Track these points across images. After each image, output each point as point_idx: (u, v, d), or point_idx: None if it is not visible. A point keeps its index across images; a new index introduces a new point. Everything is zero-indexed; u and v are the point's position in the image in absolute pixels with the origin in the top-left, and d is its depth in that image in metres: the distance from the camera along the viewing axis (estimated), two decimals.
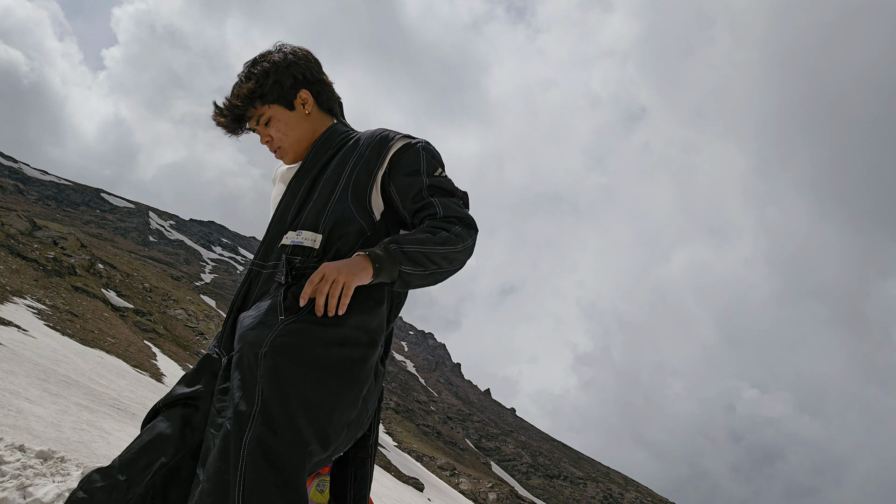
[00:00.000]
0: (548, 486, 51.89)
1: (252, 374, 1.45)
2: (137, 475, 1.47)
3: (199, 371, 1.65)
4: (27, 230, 23.88)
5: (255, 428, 1.39)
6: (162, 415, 1.59)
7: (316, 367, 1.47)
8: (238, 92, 1.74)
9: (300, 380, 1.45)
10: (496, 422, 70.22)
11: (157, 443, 1.51)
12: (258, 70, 1.75)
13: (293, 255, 1.63)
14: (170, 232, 76.17)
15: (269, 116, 1.76)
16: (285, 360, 1.45)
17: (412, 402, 51.76)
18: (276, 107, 1.76)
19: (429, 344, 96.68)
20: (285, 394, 1.43)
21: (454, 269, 1.64)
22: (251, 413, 1.41)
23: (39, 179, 70.11)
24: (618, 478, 70.20)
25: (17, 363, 9.04)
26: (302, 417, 1.42)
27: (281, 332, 1.49)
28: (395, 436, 38.17)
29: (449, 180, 1.73)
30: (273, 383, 1.43)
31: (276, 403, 1.41)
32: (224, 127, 1.78)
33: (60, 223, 44.98)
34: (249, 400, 1.42)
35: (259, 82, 1.74)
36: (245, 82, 1.75)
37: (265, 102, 1.75)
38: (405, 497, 19.01)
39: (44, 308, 16.79)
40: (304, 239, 1.63)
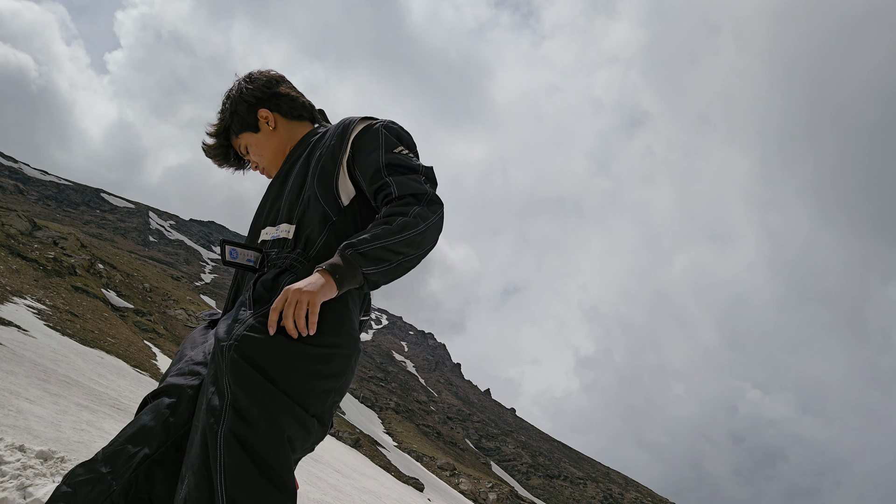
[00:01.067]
0: (548, 486, 51.87)
1: (220, 368, 1.48)
2: (120, 467, 1.49)
3: (189, 363, 1.68)
4: (27, 230, 23.88)
5: (228, 420, 1.41)
6: (148, 406, 1.61)
7: (281, 356, 1.47)
8: (208, 133, 1.93)
9: (266, 370, 1.45)
10: (496, 422, 70.20)
11: (141, 435, 1.53)
12: (221, 108, 1.92)
13: (270, 249, 1.69)
14: (170, 232, 76.16)
15: (244, 144, 1.91)
16: (249, 352, 1.47)
17: (412, 403, 51.75)
18: (244, 134, 1.90)
19: (429, 344, 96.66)
20: (252, 385, 1.43)
21: (423, 251, 1.60)
22: (223, 406, 1.43)
23: (39, 179, 70.10)
24: (618, 478, 70.18)
25: (17, 363, 9.03)
26: (274, 407, 1.43)
27: (247, 325, 1.51)
28: (395, 436, 38.16)
29: (408, 156, 1.71)
30: (237, 376, 1.45)
31: (243, 395, 1.43)
32: (215, 161, 1.97)
33: (60, 223, 44.98)
34: (221, 394, 1.45)
35: (221, 118, 1.92)
36: (212, 124, 1.94)
37: (235, 133, 1.91)
38: (405, 497, 19.01)
39: (44, 308, 16.79)
40: (281, 231, 1.69)
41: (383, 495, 15.42)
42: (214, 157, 1.95)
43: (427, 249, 1.62)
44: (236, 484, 1.36)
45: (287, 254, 1.65)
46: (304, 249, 1.65)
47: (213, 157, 1.95)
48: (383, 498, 14.90)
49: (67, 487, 1.46)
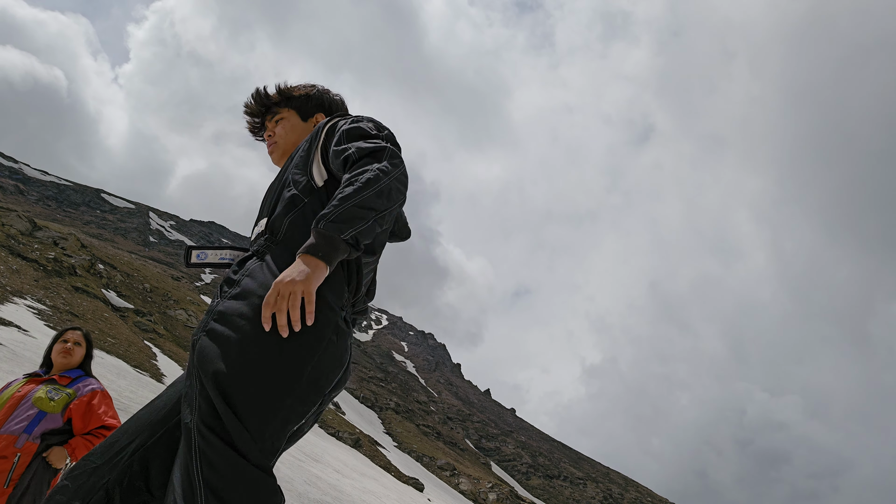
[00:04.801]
0: (548, 486, 51.86)
1: (192, 363, 1.52)
2: (113, 458, 1.55)
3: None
4: (27, 230, 23.89)
5: (199, 412, 1.44)
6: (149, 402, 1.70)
7: (242, 344, 1.46)
8: (269, 89, 2.00)
9: (226, 358, 1.45)
10: (496, 422, 70.19)
11: (135, 426, 1.60)
12: (296, 83, 2.04)
13: (253, 244, 1.75)
14: (170, 232, 76.17)
15: (283, 117, 2.00)
16: (210, 342, 1.49)
17: (412, 403, 51.75)
18: (292, 112, 2.00)
19: (429, 344, 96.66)
20: (212, 378, 1.44)
21: (396, 201, 1.60)
22: (194, 398, 1.46)
23: (40, 180, 70.12)
24: (618, 478, 70.16)
25: (17, 363, 9.05)
26: (238, 394, 1.42)
27: (214, 314, 1.54)
28: (396, 436, 38.16)
29: (368, 127, 1.74)
30: (202, 371, 1.47)
31: (210, 385, 1.44)
32: (250, 111, 2.03)
33: (61, 223, 44.99)
34: (191, 386, 1.49)
35: (293, 88, 2.02)
36: (280, 84, 2.02)
37: (287, 106, 2.00)
38: (405, 497, 19.00)
39: (44, 308, 16.80)
40: (260, 225, 1.76)
41: (383, 495, 15.42)
42: (258, 105, 2.01)
43: (398, 200, 1.61)
44: (211, 468, 1.39)
45: (260, 242, 1.70)
46: (271, 234, 1.69)
47: (257, 105, 2.01)
48: (383, 498, 14.90)
49: (65, 481, 1.54)
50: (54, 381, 3.12)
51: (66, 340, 3.28)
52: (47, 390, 3.04)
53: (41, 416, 2.95)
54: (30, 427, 2.91)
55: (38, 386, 3.08)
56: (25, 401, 2.98)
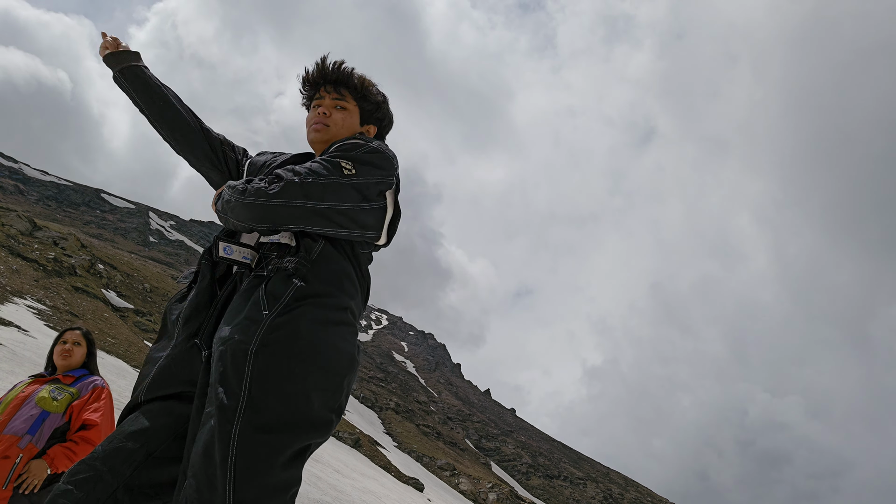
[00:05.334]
0: (548, 486, 51.86)
1: (238, 370, 1.48)
2: (120, 465, 1.51)
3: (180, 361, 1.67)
4: (27, 230, 23.88)
5: (243, 423, 1.42)
6: (144, 406, 1.63)
7: (302, 360, 1.51)
8: (357, 74, 1.89)
9: (288, 374, 1.49)
10: (496, 422, 70.19)
11: (141, 433, 1.56)
12: (373, 84, 1.93)
13: (269, 251, 1.69)
14: (170, 232, 76.17)
15: (346, 106, 1.88)
16: (273, 356, 1.49)
17: (412, 403, 51.75)
18: (357, 108, 1.90)
19: (429, 344, 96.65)
20: (272, 388, 1.47)
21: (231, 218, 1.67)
22: (237, 408, 1.44)
23: (39, 180, 70.12)
24: (618, 478, 70.16)
25: (17, 363, 9.05)
26: (290, 410, 1.47)
27: (268, 327, 1.52)
28: (396, 436, 38.16)
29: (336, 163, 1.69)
30: (261, 380, 1.46)
31: (263, 398, 1.45)
32: (312, 80, 1.90)
33: (60, 223, 44.99)
34: (233, 395, 1.45)
35: (374, 89, 1.92)
36: (364, 76, 1.91)
37: (356, 98, 1.89)
38: (405, 497, 19.00)
39: (44, 308, 16.79)
40: (282, 236, 1.70)
41: (383, 495, 15.42)
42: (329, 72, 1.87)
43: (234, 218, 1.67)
44: (247, 483, 1.39)
45: (290, 258, 1.65)
46: (306, 253, 1.66)
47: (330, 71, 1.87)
48: (383, 498, 14.89)
49: (68, 485, 1.48)
50: (58, 381, 3.11)
51: (65, 341, 3.26)
52: (50, 390, 3.03)
53: (44, 415, 2.93)
54: (33, 428, 2.89)
55: (42, 386, 3.07)
56: (29, 401, 2.97)
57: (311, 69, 1.89)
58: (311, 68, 1.89)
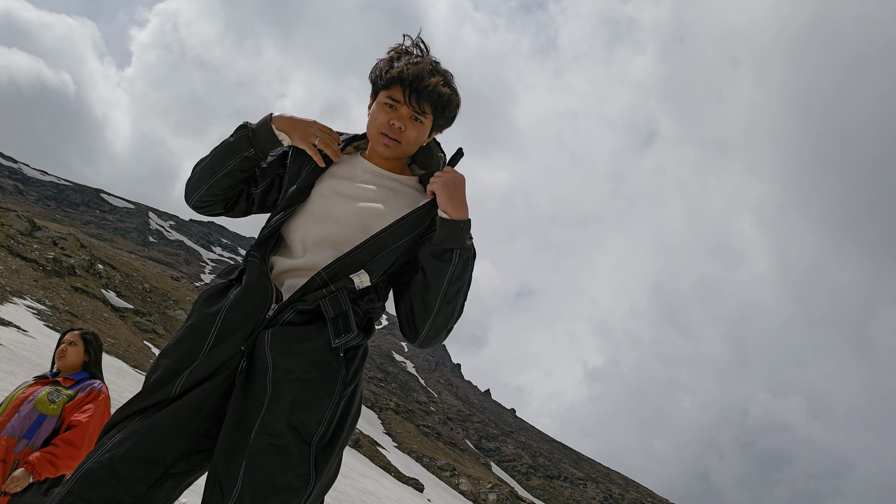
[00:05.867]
0: (548, 486, 51.86)
1: (318, 414, 1.51)
2: (135, 483, 1.41)
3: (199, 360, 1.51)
4: (27, 230, 23.86)
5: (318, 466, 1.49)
6: (160, 413, 1.47)
7: (354, 413, 1.65)
8: (446, 90, 1.66)
9: (351, 422, 1.65)
10: (496, 422, 70.19)
11: (158, 446, 1.44)
12: (458, 94, 1.72)
13: (357, 298, 1.59)
14: (169, 232, 76.15)
15: (423, 121, 1.66)
16: (347, 405, 1.61)
17: (412, 403, 51.73)
18: (432, 121, 1.68)
19: None
20: (343, 437, 1.59)
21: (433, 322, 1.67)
22: (310, 453, 1.49)
23: (39, 180, 70.10)
24: (618, 478, 70.16)
25: (16, 363, 9.03)
26: (339, 459, 1.60)
27: (344, 376, 1.57)
28: (395, 436, 38.14)
29: None
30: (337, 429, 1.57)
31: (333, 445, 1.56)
32: (393, 81, 1.64)
33: (60, 223, 44.96)
34: (307, 436, 1.49)
35: (456, 106, 1.72)
36: (452, 91, 1.69)
37: (437, 116, 1.68)
38: (405, 497, 18.99)
39: (44, 308, 16.78)
40: (362, 277, 1.58)
41: (383, 496, 15.40)
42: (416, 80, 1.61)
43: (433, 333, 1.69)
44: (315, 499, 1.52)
45: (366, 300, 1.63)
46: (366, 300, 1.61)
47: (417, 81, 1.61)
48: (383, 498, 14.88)
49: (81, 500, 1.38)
50: (58, 384, 3.07)
51: (62, 342, 3.22)
52: (48, 392, 2.99)
53: (41, 419, 2.89)
54: (29, 432, 2.86)
55: (42, 388, 3.02)
56: (28, 402, 2.93)
57: (405, 68, 1.62)
58: (408, 67, 1.62)
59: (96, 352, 3.28)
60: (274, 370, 1.47)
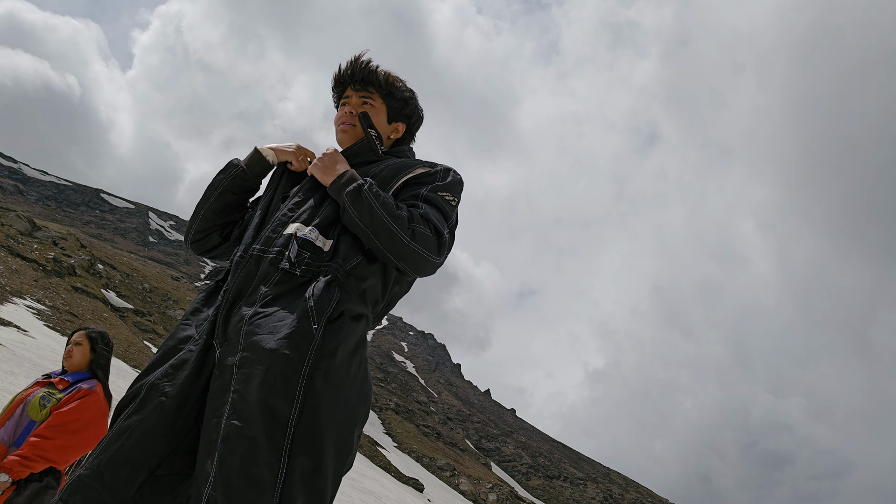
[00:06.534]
0: (548, 486, 51.86)
1: (289, 393, 1.36)
2: (122, 487, 1.41)
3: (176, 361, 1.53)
4: (27, 230, 23.85)
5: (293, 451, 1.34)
6: (141, 413, 1.46)
7: (353, 392, 1.47)
8: (383, 71, 1.85)
9: (342, 406, 1.43)
10: (496, 422, 70.18)
11: (144, 447, 1.43)
12: (400, 80, 1.89)
13: (303, 249, 1.57)
14: (169, 232, 76.15)
15: (373, 105, 1.86)
16: (326, 383, 1.41)
17: (412, 403, 51.73)
18: (384, 106, 1.87)
19: (429, 344, 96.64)
20: (325, 418, 1.39)
21: (387, 247, 1.57)
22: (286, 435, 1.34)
23: (39, 180, 70.10)
24: (618, 478, 70.15)
25: (16, 363, 9.03)
26: (338, 440, 1.41)
27: (320, 346, 1.42)
28: (395, 436, 38.14)
29: (449, 202, 1.72)
30: (314, 409, 1.38)
31: (315, 427, 1.38)
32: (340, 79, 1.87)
33: (60, 223, 44.97)
34: (283, 419, 1.35)
35: (400, 86, 1.88)
36: (390, 73, 1.87)
37: (385, 98, 1.86)
38: (405, 497, 18.99)
39: (44, 308, 16.78)
40: (316, 238, 1.59)
41: (383, 496, 15.41)
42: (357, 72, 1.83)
43: (391, 250, 1.58)
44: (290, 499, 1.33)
45: (326, 262, 1.57)
46: (343, 261, 1.58)
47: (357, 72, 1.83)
48: (383, 498, 14.88)
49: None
50: (52, 385, 2.99)
51: (69, 343, 3.17)
52: (41, 396, 2.92)
53: (31, 425, 2.81)
54: (19, 440, 2.79)
55: (39, 390, 2.95)
56: (23, 406, 2.87)
57: (340, 68, 1.86)
58: (341, 67, 1.86)
59: (102, 350, 3.20)
60: (243, 350, 1.42)
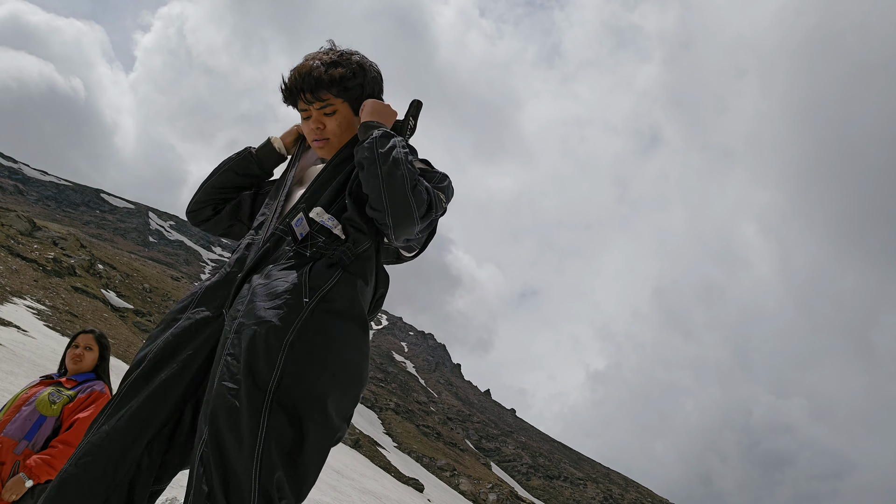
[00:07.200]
0: (548, 486, 51.85)
1: (270, 359, 1.41)
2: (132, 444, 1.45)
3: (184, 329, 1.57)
4: (27, 230, 23.85)
5: (272, 415, 1.37)
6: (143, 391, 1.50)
7: (332, 365, 1.48)
8: (326, 70, 1.69)
9: (317, 376, 1.44)
10: (496, 422, 70.18)
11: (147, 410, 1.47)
12: (349, 63, 1.72)
13: (318, 234, 1.62)
14: (169, 232, 76.15)
15: (336, 109, 1.73)
16: (307, 354, 1.44)
17: (412, 403, 51.74)
18: (346, 104, 1.75)
19: (429, 344, 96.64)
20: (300, 386, 1.42)
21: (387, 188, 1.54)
22: (265, 399, 1.38)
23: (39, 180, 70.09)
24: (618, 479, 70.15)
25: (16, 364, 9.03)
26: (319, 414, 1.43)
27: (307, 319, 1.47)
28: (395, 436, 38.14)
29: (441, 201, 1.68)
30: (292, 376, 1.41)
31: (288, 395, 1.40)
32: (288, 94, 1.74)
33: (60, 223, 44.97)
34: (262, 383, 1.39)
35: (348, 75, 1.71)
36: (332, 66, 1.70)
37: (341, 95, 1.72)
38: (405, 497, 18.98)
39: (43, 308, 16.77)
40: (333, 226, 1.62)
41: (383, 496, 15.40)
42: (302, 87, 1.70)
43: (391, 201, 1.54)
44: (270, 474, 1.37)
45: (337, 246, 1.61)
46: (353, 245, 1.62)
47: (301, 86, 1.70)
48: (383, 498, 14.88)
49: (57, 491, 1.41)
50: (60, 384, 3.04)
51: (77, 346, 3.19)
52: (50, 393, 2.96)
53: (41, 420, 2.87)
54: (30, 433, 2.83)
55: (45, 388, 2.99)
56: (29, 403, 2.91)
57: (284, 83, 1.74)
58: (284, 81, 1.74)
59: (107, 353, 3.28)
60: (242, 316, 1.49)
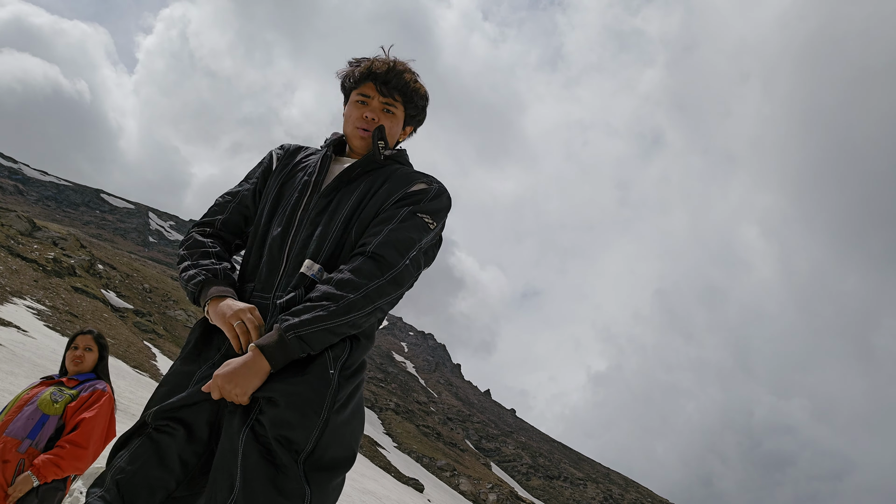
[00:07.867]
0: (548, 486, 51.84)
1: (308, 425, 1.44)
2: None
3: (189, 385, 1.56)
4: (27, 230, 23.85)
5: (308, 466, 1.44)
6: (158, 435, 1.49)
7: (358, 418, 1.58)
8: (415, 78, 1.75)
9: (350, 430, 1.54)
10: (496, 423, 70.17)
11: (159, 472, 1.45)
12: (423, 87, 1.79)
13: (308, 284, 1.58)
14: (169, 232, 76.16)
15: (395, 113, 1.76)
16: (338, 415, 1.49)
17: (412, 403, 51.72)
18: (403, 113, 1.78)
19: (429, 345, 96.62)
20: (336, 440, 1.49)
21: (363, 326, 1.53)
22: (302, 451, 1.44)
23: (39, 180, 70.10)
24: (618, 479, 70.14)
25: (16, 364, 9.03)
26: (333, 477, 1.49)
27: (337, 391, 1.49)
28: (395, 436, 38.13)
29: (428, 226, 1.63)
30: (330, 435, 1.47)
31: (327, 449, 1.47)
32: (365, 74, 1.72)
33: (60, 223, 44.96)
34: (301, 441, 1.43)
35: (426, 96, 1.80)
36: (419, 80, 1.77)
37: (403, 103, 1.76)
38: (405, 498, 18.99)
39: (43, 309, 16.77)
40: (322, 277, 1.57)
41: (383, 496, 15.40)
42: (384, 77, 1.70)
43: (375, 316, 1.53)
44: None
45: None
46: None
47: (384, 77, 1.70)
48: (383, 499, 14.88)
49: None
50: (61, 384, 3.07)
51: (76, 347, 3.20)
52: (52, 392, 2.99)
53: (44, 419, 2.89)
54: (32, 432, 2.85)
55: (47, 388, 3.02)
56: (31, 403, 2.94)
57: (373, 65, 1.71)
58: (374, 64, 1.71)
59: (106, 353, 3.30)
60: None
